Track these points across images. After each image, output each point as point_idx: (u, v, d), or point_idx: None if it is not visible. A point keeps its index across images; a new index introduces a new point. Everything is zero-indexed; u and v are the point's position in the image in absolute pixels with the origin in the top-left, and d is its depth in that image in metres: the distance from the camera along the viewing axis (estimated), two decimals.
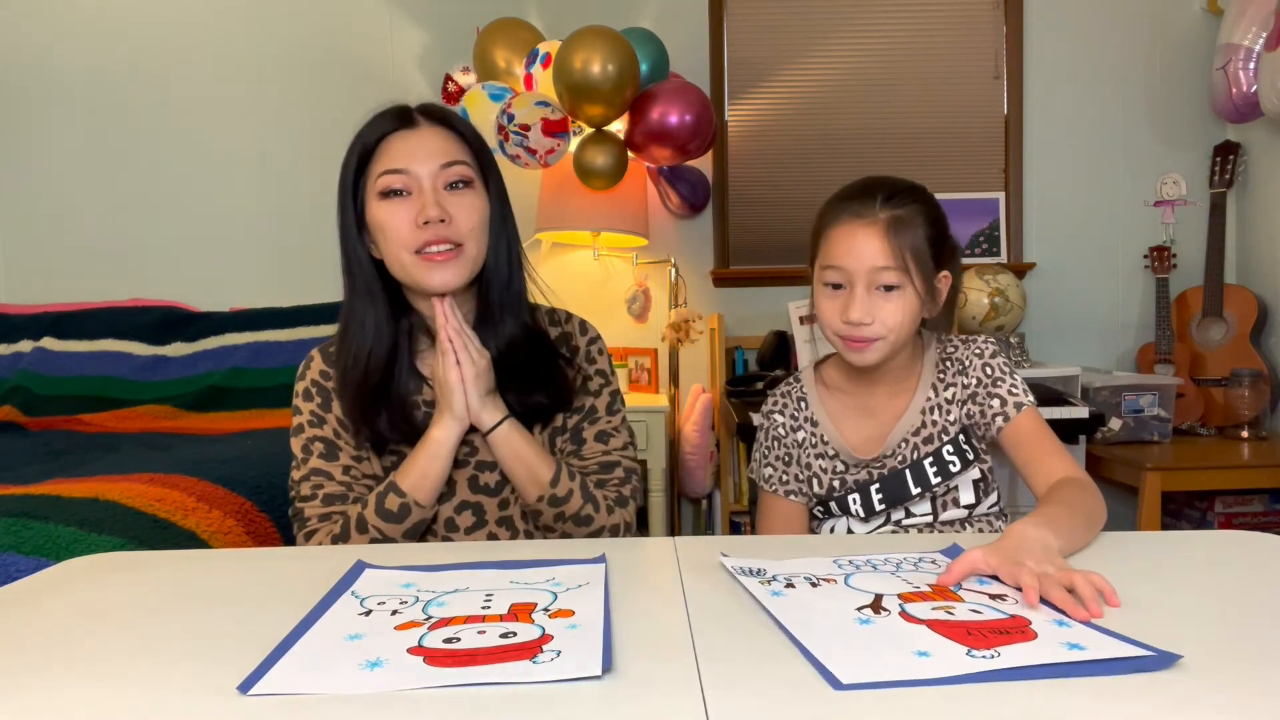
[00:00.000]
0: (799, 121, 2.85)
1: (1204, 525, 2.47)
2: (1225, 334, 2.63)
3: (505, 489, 1.10)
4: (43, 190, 2.89)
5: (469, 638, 0.64)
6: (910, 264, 1.06)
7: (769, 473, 1.22)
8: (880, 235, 1.06)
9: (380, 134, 1.03)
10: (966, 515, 1.16)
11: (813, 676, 0.57)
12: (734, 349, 2.73)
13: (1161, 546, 0.92)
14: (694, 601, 0.74)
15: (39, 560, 1.08)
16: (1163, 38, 2.79)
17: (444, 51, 2.79)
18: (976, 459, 1.16)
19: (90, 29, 2.85)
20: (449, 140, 1.04)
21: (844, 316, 1.08)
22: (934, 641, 0.62)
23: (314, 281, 2.76)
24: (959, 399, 1.16)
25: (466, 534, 1.09)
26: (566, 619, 0.68)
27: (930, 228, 1.09)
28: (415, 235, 1.00)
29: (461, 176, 1.02)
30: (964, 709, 0.52)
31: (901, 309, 1.07)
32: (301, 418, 1.08)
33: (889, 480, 1.15)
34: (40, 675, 0.60)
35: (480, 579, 0.80)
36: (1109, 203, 2.83)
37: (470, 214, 1.02)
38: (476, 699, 0.54)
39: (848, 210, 1.09)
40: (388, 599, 0.74)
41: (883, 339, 1.08)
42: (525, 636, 0.64)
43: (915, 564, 0.83)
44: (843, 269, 1.08)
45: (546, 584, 0.78)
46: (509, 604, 0.72)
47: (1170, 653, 0.58)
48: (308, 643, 0.64)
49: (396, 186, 1.01)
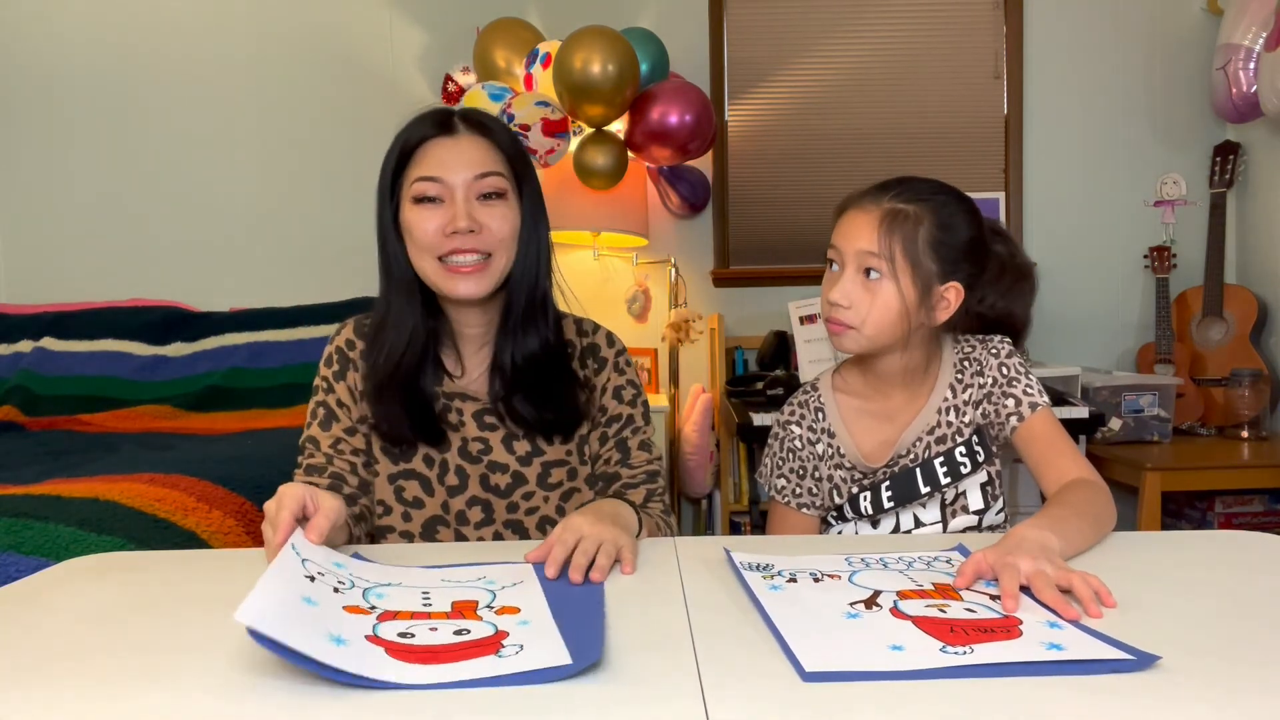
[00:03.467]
0: (799, 121, 2.85)
1: (1204, 525, 2.47)
2: (1225, 334, 2.63)
3: (515, 492, 1.11)
4: (43, 190, 2.89)
5: (423, 634, 0.64)
6: (898, 257, 1.06)
7: (781, 484, 1.21)
8: (874, 223, 1.07)
9: (420, 138, 1.04)
10: (976, 523, 1.16)
11: (789, 667, 0.58)
12: (734, 349, 2.73)
13: (1161, 546, 0.92)
14: (693, 601, 0.74)
15: (39, 560, 1.08)
16: (1163, 38, 2.79)
17: (444, 51, 2.79)
18: (986, 461, 1.16)
19: (90, 30, 2.85)
20: (486, 151, 1.04)
21: (826, 296, 1.11)
22: (912, 637, 0.63)
23: (313, 281, 2.77)
24: (975, 400, 1.16)
25: (476, 528, 1.10)
26: (514, 615, 0.68)
27: (939, 231, 1.07)
28: (441, 242, 1.01)
29: (495, 188, 1.04)
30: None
31: (879, 301, 1.07)
32: (318, 379, 1.11)
33: (899, 478, 1.15)
34: (40, 675, 0.60)
35: (410, 576, 0.79)
36: (1109, 203, 2.83)
37: (501, 224, 1.04)
38: (478, 697, 0.55)
39: (861, 197, 1.12)
40: (326, 572, 0.73)
41: (856, 329, 1.08)
42: (480, 633, 0.64)
43: (928, 563, 0.83)
44: (835, 248, 1.11)
45: (479, 582, 0.77)
46: (450, 601, 0.72)
47: (1149, 654, 0.59)
48: (273, 583, 0.63)
49: (430, 193, 1.02)
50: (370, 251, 1.10)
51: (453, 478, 1.09)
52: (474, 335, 1.11)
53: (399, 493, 1.09)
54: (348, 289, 2.65)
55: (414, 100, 2.82)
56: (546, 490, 1.11)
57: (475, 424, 1.10)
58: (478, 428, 1.10)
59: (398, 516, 1.09)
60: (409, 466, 1.09)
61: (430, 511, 1.09)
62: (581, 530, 0.84)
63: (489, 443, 1.10)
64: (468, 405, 1.10)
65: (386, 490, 1.09)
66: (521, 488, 1.11)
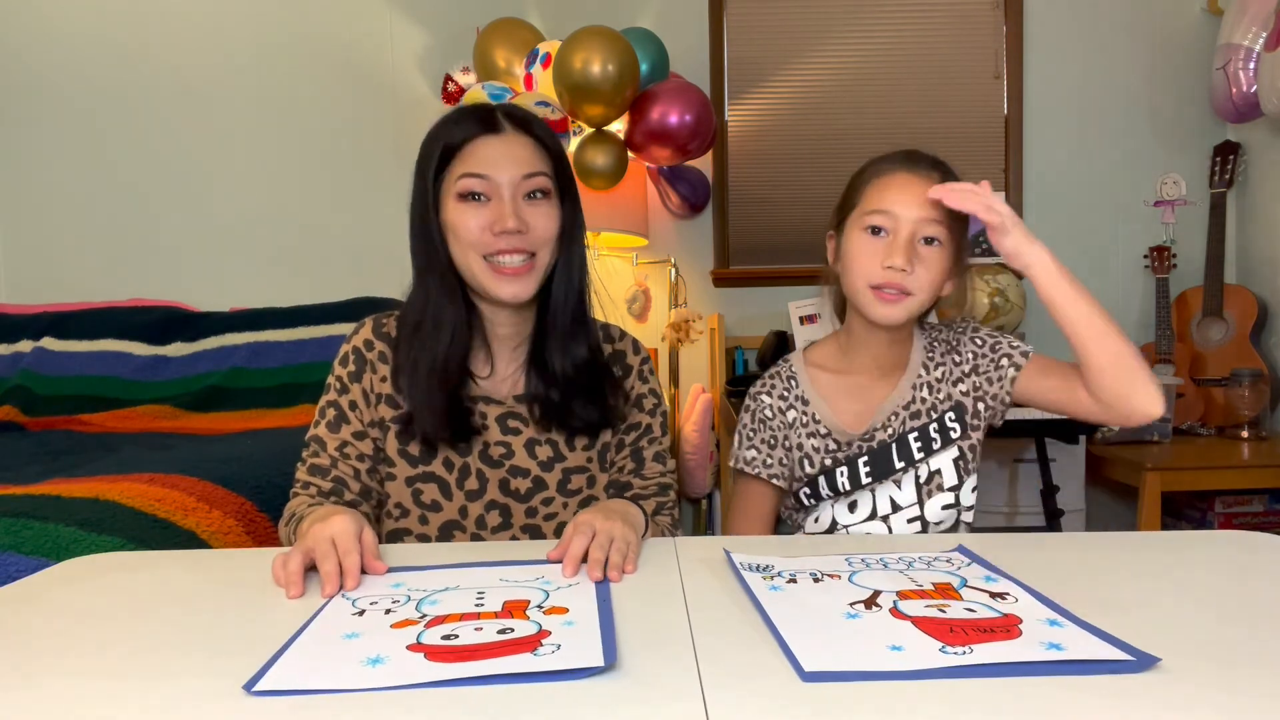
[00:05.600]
0: (799, 121, 2.85)
1: (1204, 525, 2.47)
2: (1225, 334, 2.63)
3: (535, 497, 1.10)
4: (43, 190, 2.88)
5: (467, 634, 0.64)
6: (952, 223, 1.08)
7: (751, 455, 1.20)
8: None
9: (465, 136, 1.03)
10: (953, 501, 1.16)
11: (789, 667, 0.59)
12: (734, 349, 2.73)
13: (1161, 546, 0.92)
14: (694, 601, 0.74)
15: (39, 560, 1.08)
16: (1163, 38, 2.79)
17: (444, 51, 2.79)
18: (961, 437, 1.16)
19: (90, 29, 2.85)
20: (532, 150, 1.04)
21: (885, 261, 1.07)
22: (911, 637, 0.63)
23: (314, 281, 2.77)
24: (950, 378, 1.17)
25: (493, 533, 1.09)
26: (561, 616, 0.69)
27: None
28: (488, 240, 1.01)
29: (540, 187, 1.03)
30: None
31: (939, 265, 1.08)
32: (331, 378, 1.10)
33: (876, 454, 1.15)
34: (40, 675, 0.60)
35: (470, 577, 0.80)
36: (1109, 203, 2.83)
37: (547, 224, 1.03)
38: (478, 696, 0.55)
39: (899, 163, 1.12)
40: (379, 599, 0.74)
41: (913, 296, 1.08)
42: (523, 632, 0.65)
43: (928, 563, 0.83)
44: (890, 213, 1.08)
45: (536, 582, 0.78)
46: (502, 600, 0.73)
47: (1150, 655, 0.59)
48: (305, 643, 0.64)
49: (476, 190, 1.01)
50: (370, 251, 1.10)
51: (473, 481, 1.08)
52: (507, 335, 1.10)
53: (416, 496, 1.08)
54: (348, 289, 2.65)
55: (414, 100, 2.82)
56: (566, 496, 1.11)
57: (499, 428, 1.09)
58: (500, 431, 1.09)
59: (414, 519, 1.08)
60: (428, 469, 1.07)
61: (447, 515, 1.08)
62: (594, 525, 0.85)
63: (511, 447, 1.09)
64: (491, 409, 1.09)
65: (404, 493, 1.08)
66: (541, 493, 1.10)
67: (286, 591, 0.77)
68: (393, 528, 1.09)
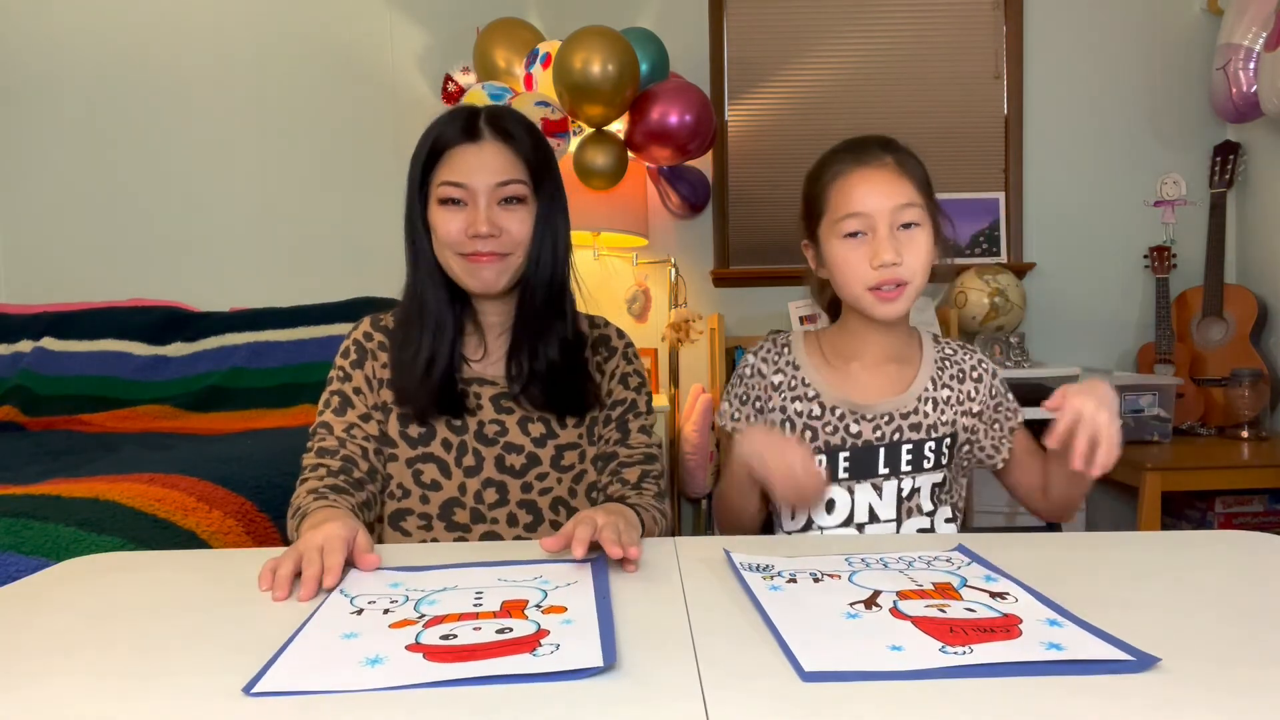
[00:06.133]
0: (799, 121, 2.85)
1: (1204, 525, 2.47)
2: (1225, 334, 2.63)
3: (530, 473, 1.14)
4: (43, 190, 2.89)
5: (465, 634, 0.65)
6: (925, 200, 1.08)
7: (724, 407, 1.23)
8: (895, 174, 1.07)
9: (448, 143, 1.10)
10: (929, 527, 1.14)
11: (789, 667, 0.59)
12: (734, 349, 2.73)
13: (1161, 546, 0.92)
14: (693, 601, 0.74)
15: (39, 560, 1.08)
16: (1163, 38, 2.79)
17: (444, 51, 2.79)
18: (948, 465, 1.15)
19: (90, 29, 2.85)
20: (508, 158, 1.10)
21: (874, 261, 1.06)
22: (911, 637, 0.63)
23: (313, 281, 2.77)
24: (955, 404, 1.16)
25: (490, 509, 1.13)
26: (560, 615, 0.69)
27: (923, 171, 1.12)
28: (464, 242, 1.08)
29: (515, 194, 1.10)
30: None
31: (924, 245, 1.08)
32: (333, 371, 1.16)
33: (861, 451, 1.13)
34: (40, 675, 0.60)
35: (468, 577, 0.81)
36: (1109, 203, 2.83)
37: (521, 227, 1.10)
38: (477, 697, 0.55)
39: (851, 160, 1.10)
40: (378, 598, 0.74)
41: (910, 283, 1.08)
42: (521, 632, 0.65)
43: (928, 563, 0.83)
44: (863, 214, 1.07)
45: (534, 581, 0.79)
46: (500, 600, 0.73)
47: (1150, 655, 0.59)
48: (303, 644, 0.64)
49: (454, 196, 1.09)
50: (370, 251, 1.12)
51: (470, 459, 1.13)
52: (495, 323, 1.17)
53: (417, 476, 1.13)
54: (348, 289, 2.65)
55: (414, 100, 2.82)
56: (560, 472, 1.15)
57: (493, 407, 1.15)
58: (495, 410, 1.15)
59: (416, 499, 1.13)
60: (427, 450, 1.13)
61: (447, 494, 1.13)
62: (597, 519, 0.88)
63: (505, 425, 1.15)
64: (485, 389, 1.16)
65: (405, 474, 1.13)
66: (535, 469, 1.15)
67: (272, 595, 0.77)
68: (395, 508, 1.13)
